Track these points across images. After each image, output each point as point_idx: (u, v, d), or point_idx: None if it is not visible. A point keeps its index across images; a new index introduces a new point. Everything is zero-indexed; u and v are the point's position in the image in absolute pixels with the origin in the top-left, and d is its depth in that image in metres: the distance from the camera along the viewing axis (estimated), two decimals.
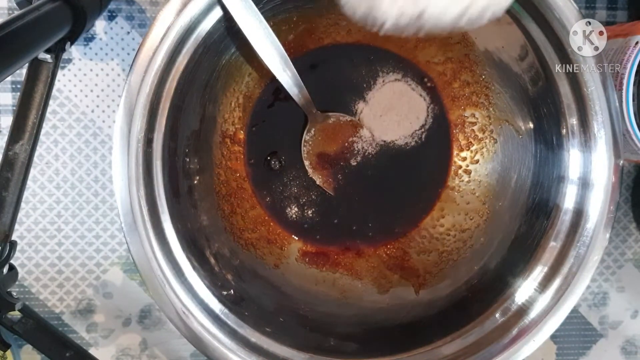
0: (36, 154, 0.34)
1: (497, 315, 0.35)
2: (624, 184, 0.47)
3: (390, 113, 0.42)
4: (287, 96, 0.39)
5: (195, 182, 0.38)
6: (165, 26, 0.31)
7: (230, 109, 0.41)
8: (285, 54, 0.37)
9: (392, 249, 0.43)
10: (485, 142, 0.42)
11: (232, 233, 0.40)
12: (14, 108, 0.34)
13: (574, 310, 0.47)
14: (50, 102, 0.37)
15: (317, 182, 0.42)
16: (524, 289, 0.35)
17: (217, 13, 0.33)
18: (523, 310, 0.35)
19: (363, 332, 0.39)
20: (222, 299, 0.34)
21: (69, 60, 0.42)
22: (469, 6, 0.25)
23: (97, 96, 0.43)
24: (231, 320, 0.34)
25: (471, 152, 0.42)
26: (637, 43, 0.36)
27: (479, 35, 0.39)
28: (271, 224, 0.42)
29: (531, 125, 0.38)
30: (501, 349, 0.34)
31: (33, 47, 0.30)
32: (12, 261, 0.33)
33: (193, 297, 0.33)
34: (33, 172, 0.42)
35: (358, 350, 0.36)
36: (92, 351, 0.44)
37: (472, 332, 0.35)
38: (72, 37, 0.34)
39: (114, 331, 0.44)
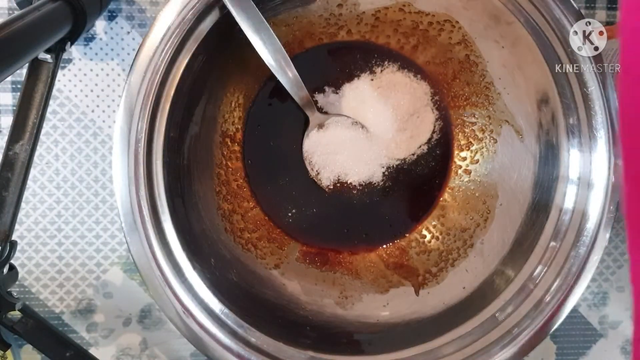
0: (36, 154, 0.34)
1: (497, 315, 0.35)
2: None
3: (391, 113, 0.42)
4: (288, 96, 0.39)
5: (195, 182, 0.38)
6: (166, 26, 0.31)
7: (230, 108, 0.41)
8: (286, 54, 0.37)
9: (392, 248, 0.43)
10: (485, 142, 0.42)
11: (232, 233, 0.40)
12: (14, 108, 0.34)
13: (574, 310, 0.47)
14: (51, 102, 0.37)
15: (318, 183, 0.42)
16: (524, 289, 0.35)
17: (218, 13, 0.33)
18: (523, 309, 0.35)
19: (363, 331, 0.39)
20: (222, 299, 0.34)
21: (69, 60, 0.42)
22: None
23: (97, 96, 0.43)
24: (231, 320, 0.34)
25: (471, 152, 0.42)
26: None
27: (479, 35, 0.39)
28: (271, 223, 0.42)
29: (531, 125, 0.38)
30: (501, 348, 0.34)
31: (33, 47, 0.30)
32: (12, 261, 0.33)
33: (193, 297, 0.33)
34: (33, 172, 0.42)
35: (358, 350, 0.36)
36: (92, 351, 0.44)
37: (472, 332, 0.35)
38: (72, 37, 0.34)
39: (114, 331, 0.44)
